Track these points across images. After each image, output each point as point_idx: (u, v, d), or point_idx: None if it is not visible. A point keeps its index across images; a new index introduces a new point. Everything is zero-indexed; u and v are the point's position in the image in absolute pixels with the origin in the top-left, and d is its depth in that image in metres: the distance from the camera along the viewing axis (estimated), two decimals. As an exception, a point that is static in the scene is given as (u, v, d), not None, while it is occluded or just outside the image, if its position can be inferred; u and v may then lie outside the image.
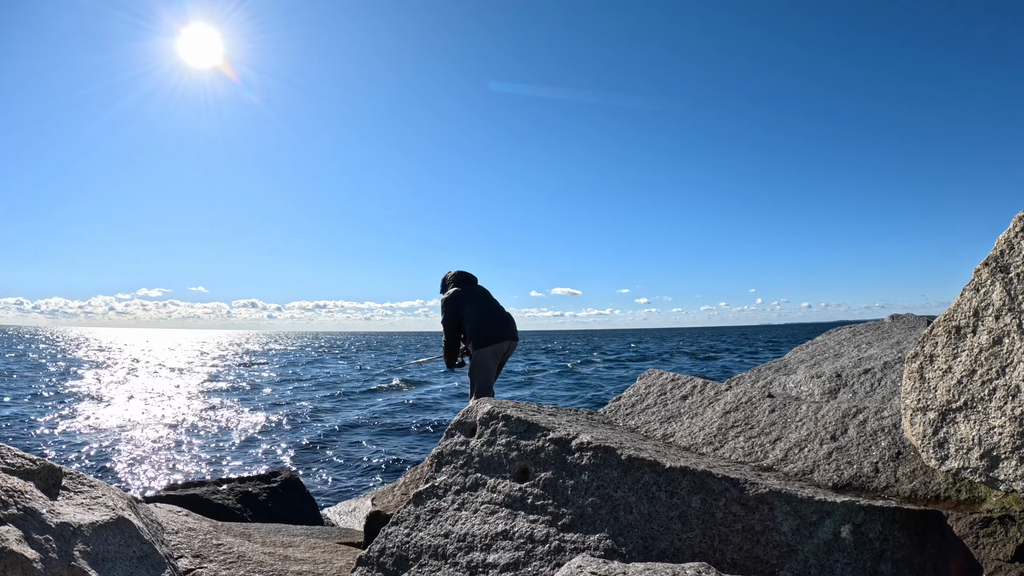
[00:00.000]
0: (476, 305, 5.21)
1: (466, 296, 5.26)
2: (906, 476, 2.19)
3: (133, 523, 2.19)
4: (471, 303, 5.22)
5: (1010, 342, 1.90)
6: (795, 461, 2.45)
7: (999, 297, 1.96)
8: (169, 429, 13.29)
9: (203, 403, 18.09)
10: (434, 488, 2.49)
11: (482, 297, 5.31)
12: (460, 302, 5.20)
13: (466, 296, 5.26)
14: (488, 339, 5.04)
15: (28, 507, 1.84)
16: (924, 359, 2.20)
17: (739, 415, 2.99)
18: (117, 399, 18.34)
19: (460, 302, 5.20)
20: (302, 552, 2.95)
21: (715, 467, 2.15)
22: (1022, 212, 1.96)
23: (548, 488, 2.23)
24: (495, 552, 2.12)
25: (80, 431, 12.72)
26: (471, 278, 5.50)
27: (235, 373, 30.63)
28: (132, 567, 2.05)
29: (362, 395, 20.80)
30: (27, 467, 2.04)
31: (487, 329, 5.08)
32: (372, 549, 2.37)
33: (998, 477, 1.91)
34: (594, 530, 2.05)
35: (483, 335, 5.05)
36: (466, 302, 5.22)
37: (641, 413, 3.31)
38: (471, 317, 5.14)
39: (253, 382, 25.65)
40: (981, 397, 1.97)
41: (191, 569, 2.42)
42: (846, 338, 4.20)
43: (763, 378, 3.64)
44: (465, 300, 5.23)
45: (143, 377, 26.80)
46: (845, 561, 1.80)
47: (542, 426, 2.42)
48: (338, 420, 14.99)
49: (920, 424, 2.19)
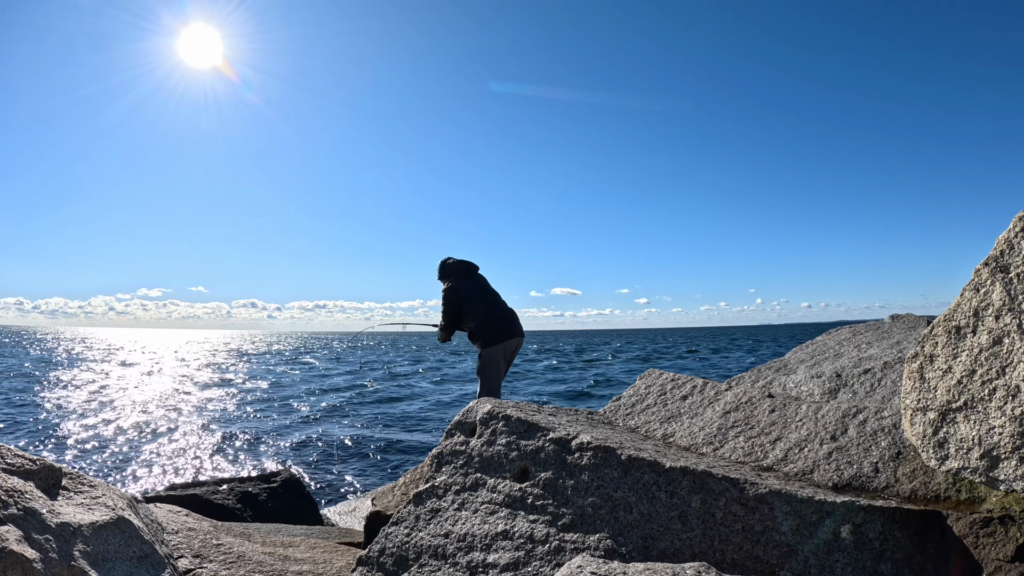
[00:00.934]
0: (482, 302, 5.07)
1: (469, 291, 5.11)
2: (906, 476, 2.19)
3: (133, 523, 2.19)
4: (477, 299, 5.08)
5: (1010, 342, 1.90)
6: (795, 461, 2.45)
7: (999, 297, 1.96)
8: (169, 429, 13.29)
9: (203, 403, 18.09)
10: (434, 488, 2.49)
11: (486, 293, 5.17)
12: (463, 298, 5.08)
13: (469, 291, 5.11)
14: (498, 337, 4.94)
15: (28, 507, 1.84)
16: (924, 359, 2.21)
17: (739, 415, 2.99)
18: (117, 399, 18.34)
19: (463, 298, 5.08)
20: (302, 552, 2.95)
21: (715, 467, 2.15)
22: (1022, 212, 1.96)
23: (548, 488, 2.23)
24: (495, 552, 2.12)
25: (80, 431, 12.72)
26: (472, 268, 5.32)
27: (235, 373, 30.63)
28: (132, 567, 2.05)
29: (362, 395, 20.80)
30: (27, 467, 2.04)
31: (496, 327, 4.96)
32: (372, 549, 2.37)
33: (998, 477, 1.92)
34: (594, 530, 2.05)
35: (492, 334, 4.94)
36: (471, 298, 5.07)
37: (641, 413, 3.31)
38: (478, 314, 5.01)
39: (253, 382, 25.66)
40: (981, 397, 1.97)
41: (191, 569, 2.42)
42: (846, 338, 4.20)
43: (763, 378, 3.64)
44: (469, 296, 5.09)
45: (143, 377, 26.80)
46: (845, 561, 1.80)
47: (542, 426, 2.42)
48: (338, 420, 14.99)
49: (920, 424, 2.19)
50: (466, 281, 5.19)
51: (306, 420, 15.01)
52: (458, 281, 5.19)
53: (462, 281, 5.19)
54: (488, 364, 4.94)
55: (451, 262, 5.32)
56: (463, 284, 5.17)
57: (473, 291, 5.14)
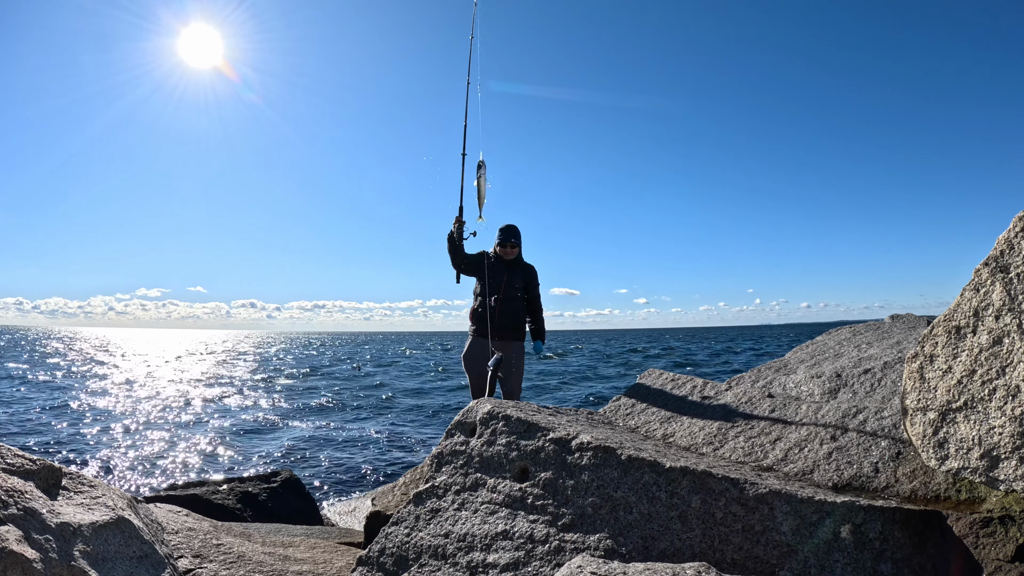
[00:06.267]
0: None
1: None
2: (906, 476, 2.19)
3: (133, 523, 2.19)
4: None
5: (1010, 342, 1.90)
6: (795, 461, 2.45)
7: (999, 297, 1.96)
8: (169, 429, 13.30)
9: (202, 403, 18.09)
10: (434, 488, 2.49)
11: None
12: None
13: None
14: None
15: (28, 507, 1.84)
16: (924, 359, 2.21)
17: (739, 415, 3.00)
18: (117, 399, 18.35)
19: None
20: (302, 552, 2.95)
21: (715, 467, 2.15)
22: (1022, 212, 1.96)
23: (548, 488, 2.23)
24: (495, 552, 2.12)
25: (80, 431, 12.72)
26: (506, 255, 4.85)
27: (234, 373, 30.65)
28: (132, 567, 2.05)
29: (361, 395, 20.81)
30: (27, 467, 2.04)
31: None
32: (372, 549, 2.37)
33: (998, 477, 1.92)
34: (594, 530, 2.05)
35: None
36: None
37: (641, 413, 3.31)
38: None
39: (252, 382, 25.67)
40: (981, 397, 1.97)
41: (191, 569, 2.42)
42: (846, 338, 4.20)
43: (763, 378, 3.64)
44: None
45: (142, 377, 26.81)
46: (845, 561, 1.80)
47: (542, 426, 2.42)
48: (338, 420, 14.99)
49: (920, 424, 2.19)
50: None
51: (306, 420, 15.01)
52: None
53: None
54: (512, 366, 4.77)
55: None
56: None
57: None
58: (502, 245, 4.81)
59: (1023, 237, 1.94)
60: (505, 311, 4.69)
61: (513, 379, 4.69)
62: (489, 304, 4.66)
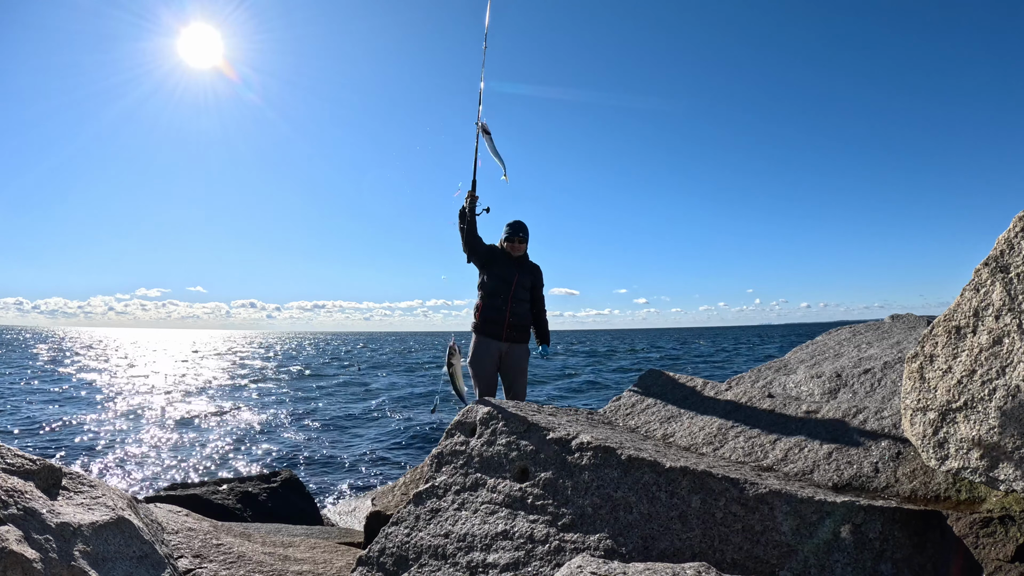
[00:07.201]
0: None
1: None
2: (906, 476, 2.19)
3: (133, 523, 2.19)
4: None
5: (1010, 342, 1.90)
6: (795, 461, 2.45)
7: (999, 297, 1.96)
8: (169, 429, 13.30)
9: (203, 403, 18.09)
10: (434, 488, 2.49)
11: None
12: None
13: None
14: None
15: (28, 507, 1.84)
16: (924, 359, 2.21)
17: (739, 415, 3.00)
18: (117, 399, 18.34)
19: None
20: (302, 552, 2.95)
21: (715, 467, 2.15)
22: (1022, 212, 1.96)
23: (548, 488, 2.23)
24: (495, 552, 2.12)
25: (80, 431, 12.72)
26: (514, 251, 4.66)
27: (235, 373, 30.65)
28: (132, 567, 2.05)
29: (361, 395, 20.80)
30: (27, 467, 2.04)
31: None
32: (372, 549, 2.37)
33: (998, 477, 1.92)
34: (594, 530, 2.06)
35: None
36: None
37: (641, 413, 3.31)
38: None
39: (252, 382, 25.66)
40: (981, 397, 1.97)
41: (191, 569, 2.42)
42: (846, 338, 4.20)
43: (763, 378, 3.64)
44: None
45: (142, 377, 26.80)
46: (845, 561, 1.80)
47: (542, 426, 2.42)
48: (338, 420, 14.99)
49: (920, 424, 2.19)
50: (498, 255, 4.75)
51: (306, 420, 15.01)
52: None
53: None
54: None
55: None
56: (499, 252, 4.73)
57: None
58: (510, 240, 4.58)
59: (1023, 237, 1.94)
60: (515, 312, 4.53)
61: (518, 381, 4.57)
62: (506, 304, 4.49)
